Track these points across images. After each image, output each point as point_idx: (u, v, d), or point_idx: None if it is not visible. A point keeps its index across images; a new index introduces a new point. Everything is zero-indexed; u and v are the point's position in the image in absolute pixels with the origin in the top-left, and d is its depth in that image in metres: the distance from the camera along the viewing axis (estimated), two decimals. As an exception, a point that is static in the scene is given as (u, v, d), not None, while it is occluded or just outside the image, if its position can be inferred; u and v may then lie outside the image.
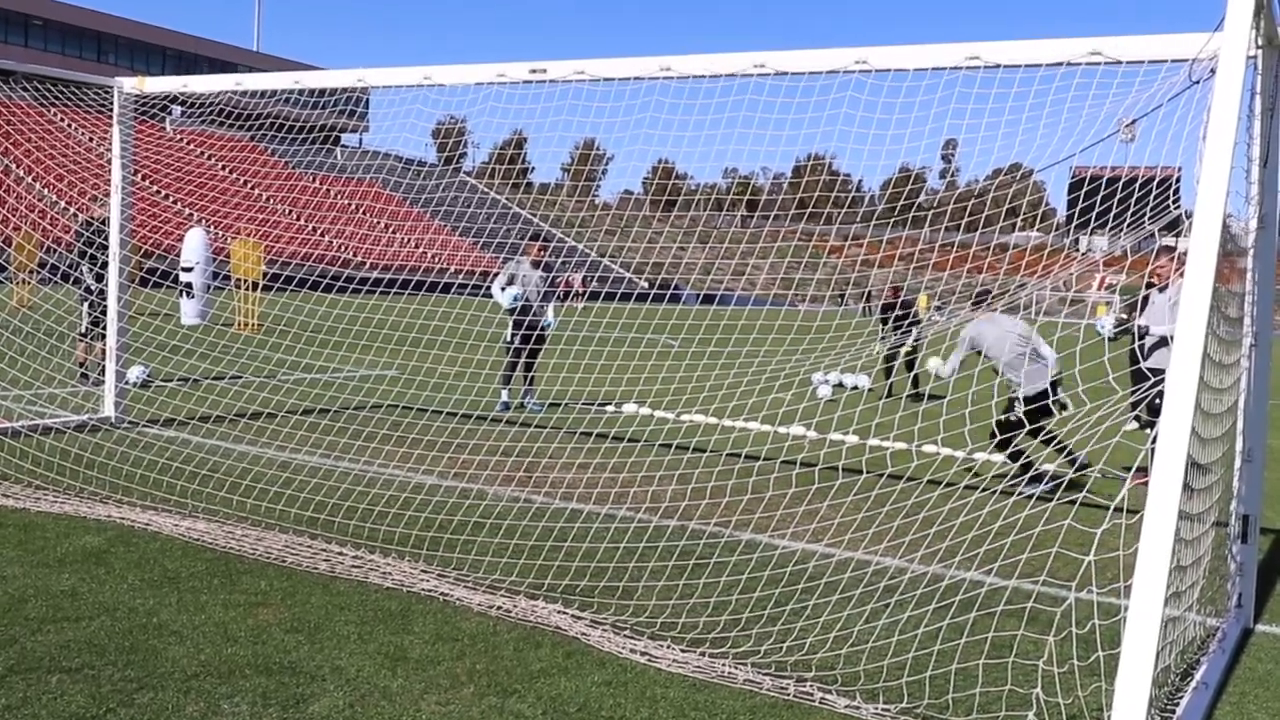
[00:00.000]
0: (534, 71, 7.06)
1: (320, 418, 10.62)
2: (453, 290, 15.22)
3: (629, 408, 12.41)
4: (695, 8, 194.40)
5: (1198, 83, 4.41)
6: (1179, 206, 5.64)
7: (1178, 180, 5.93)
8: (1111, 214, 6.09)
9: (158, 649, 4.43)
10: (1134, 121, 5.02)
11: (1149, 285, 9.75)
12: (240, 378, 12.98)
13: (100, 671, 4.17)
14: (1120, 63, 4.94)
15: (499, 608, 5.18)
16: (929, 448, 9.82)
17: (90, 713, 3.82)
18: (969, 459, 9.37)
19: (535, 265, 12.46)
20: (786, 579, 5.79)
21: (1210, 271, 3.89)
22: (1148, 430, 9.68)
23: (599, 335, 10.77)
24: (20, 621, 4.65)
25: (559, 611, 5.16)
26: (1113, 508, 4.16)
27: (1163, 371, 3.97)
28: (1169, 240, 8.37)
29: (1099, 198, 6.27)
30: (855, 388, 15.66)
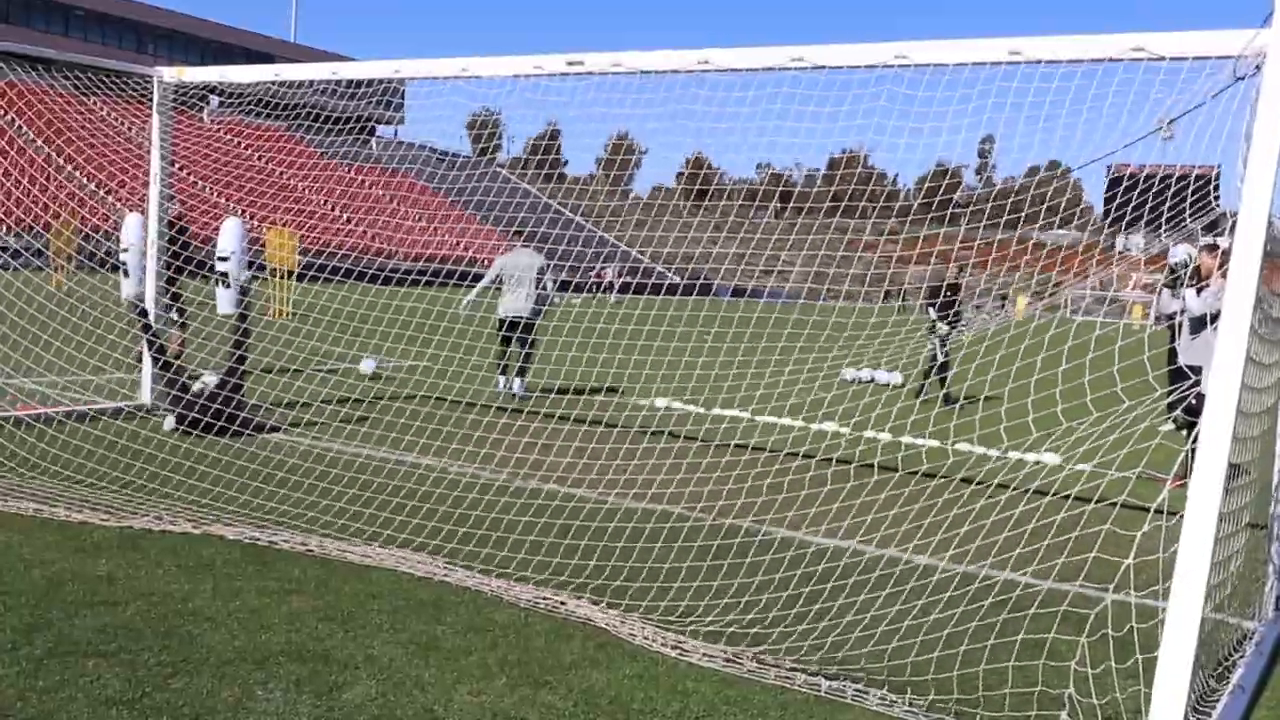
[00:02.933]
0: (571, 64, 7.05)
1: (354, 408, 10.69)
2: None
3: (660, 402, 12.40)
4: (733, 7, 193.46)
5: (1242, 79, 4.33)
6: (1218, 205, 5.56)
7: (1216, 178, 5.83)
8: (1149, 212, 6.01)
9: (193, 634, 4.48)
10: (1173, 120, 4.94)
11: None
12: (275, 366, 13.06)
13: (136, 656, 4.22)
14: (1163, 59, 4.85)
15: (531, 599, 5.20)
16: (963, 446, 9.76)
17: (126, 696, 3.86)
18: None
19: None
20: (819, 576, 5.77)
21: (1255, 273, 3.83)
22: (1184, 431, 9.59)
23: (621, 328, 10.78)
24: (58, 605, 4.71)
25: (591, 604, 5.17)
26: (1153, 509, 4.12)
27: (1199, 369, 3.93)
28: (1205, 238, 8.28)
29: (1136, 195, 6.18)
30: (887, 384, 15.59)
